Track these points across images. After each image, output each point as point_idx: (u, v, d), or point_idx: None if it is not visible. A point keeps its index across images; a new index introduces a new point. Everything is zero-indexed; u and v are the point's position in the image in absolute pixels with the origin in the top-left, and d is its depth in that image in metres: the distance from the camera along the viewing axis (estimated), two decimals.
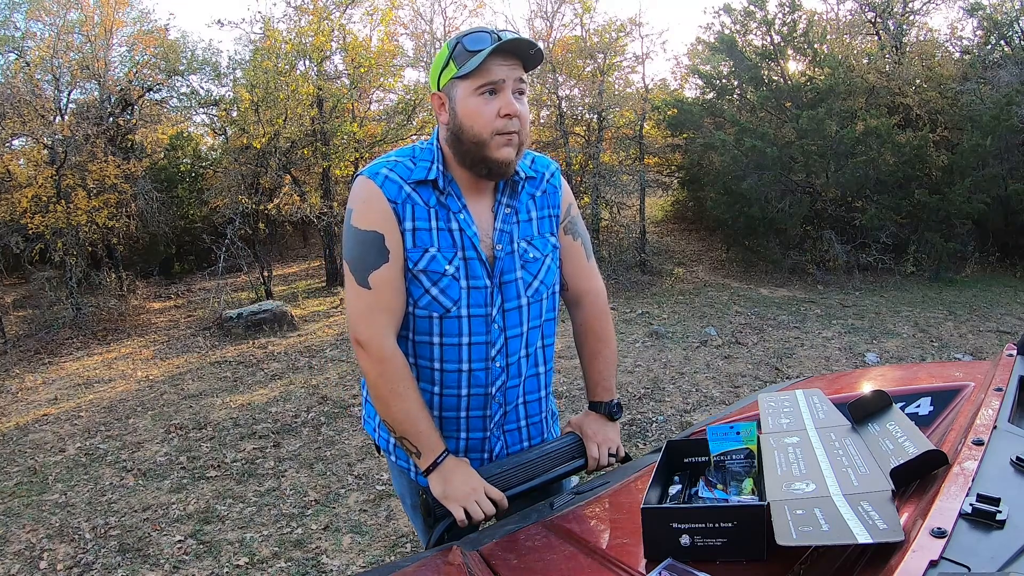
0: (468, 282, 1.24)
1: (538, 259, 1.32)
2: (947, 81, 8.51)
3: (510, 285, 1.28)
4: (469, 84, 1.17)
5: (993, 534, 0.65)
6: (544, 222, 1.34)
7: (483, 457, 1.36)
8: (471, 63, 1.15)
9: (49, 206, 7.55)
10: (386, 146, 10.26)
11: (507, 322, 1.29)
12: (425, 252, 1.22)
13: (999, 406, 0.97)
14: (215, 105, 10.30)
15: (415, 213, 1.23)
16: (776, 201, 8.26)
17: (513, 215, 1.30)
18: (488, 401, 1.31)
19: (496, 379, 1.30)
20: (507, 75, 1.17)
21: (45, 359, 6.63)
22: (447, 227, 1.24)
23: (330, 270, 9.44)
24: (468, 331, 1.26)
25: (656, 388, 4.48)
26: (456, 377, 1.29)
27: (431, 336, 1.27)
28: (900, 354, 5.08)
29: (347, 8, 9.13)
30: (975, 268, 8.09)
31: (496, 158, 1.20)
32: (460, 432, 1.34)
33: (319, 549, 2.78)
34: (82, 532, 3.06)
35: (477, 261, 1.25)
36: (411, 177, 1.23)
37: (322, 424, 4.20)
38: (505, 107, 1.17)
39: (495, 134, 1.18)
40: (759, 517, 0.83)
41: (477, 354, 1.27)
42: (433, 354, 1.28)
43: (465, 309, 1.25)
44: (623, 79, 9.70)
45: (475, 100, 1.17)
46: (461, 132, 1.20)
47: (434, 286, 1.23)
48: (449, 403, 1.31)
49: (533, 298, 1.32)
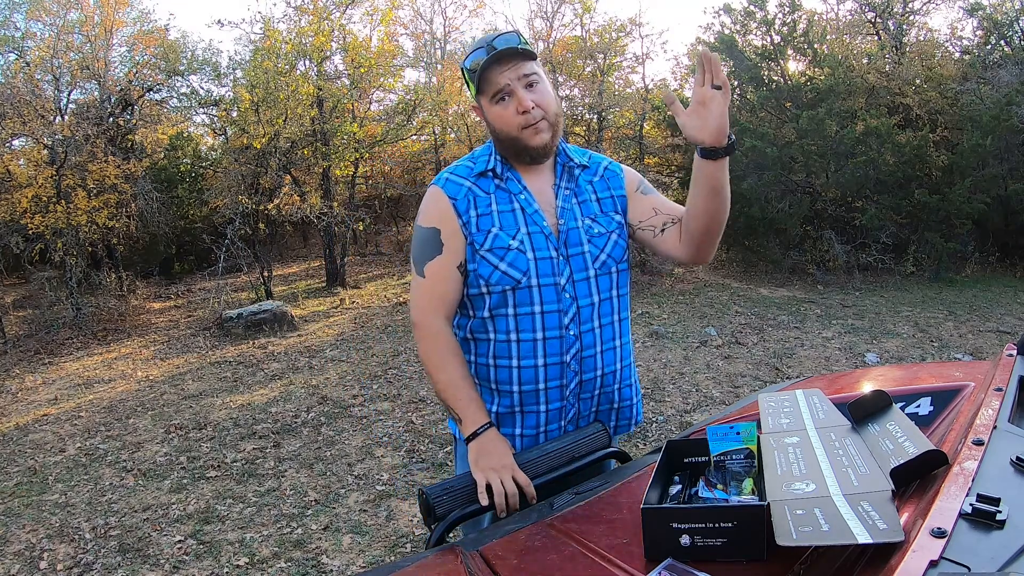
0: (534, 253, 1.34)
1: (603, 234, 1.41)
2: (947, 81, 8.51)
3: (578, 257, 1.37)
4: (485, 96, 1.34)
5: (993, 534, 0.65)
6: (607, 202, 1.44)
7: (560, 425, 1.42)
8: (477, 80, 1.32)
9: (49, 206, 7.55)
10: (386, 146, 10.27)
11: (577, 291, 1.37)
12: (488, 232, 1.35)
13: (999, 406, 0.97)
14: (215, 105, 10.30)
15: (477, 203, 1.36)
16: (776, 201, 8.25)
17: (572, 196, 1.42)
18: (564, 370, 1.37)
19: (570, 347, 1.37)
20: (510, 78, 1.30)
21: (45, 359, 6.63)
22: (509, 208, 1.37)
23: (330, 270, 9.43)
24: (540, 300, 1.35)
25: (656, 388, 4.48)
26: (531, 347, 1.36)
27: (506, 308, 1.36)
28: (900, 354, 5.08)
29: (347, 8, 9.13)
30: (975, 268, 8.09)
31: (533, 146, 1.34)
32: (540, 404, 1.39)
33: (319, 549, 2.78)
34: (82, 532, 3.06)
35: (541, 235, 1.36)
36: (472, 173, 1.39)
37: (322, 424, 4.20)
38: (519, 105, 1.31)
39: (522, 128, 1.32)
40: (759, 517, 0.83)
41: (550, 322, 1.35)
42: (508, 326, 1.36)
43: (535, 279, 1.34)
44: (623, 79, 9.72)
45: (495, 108, 1.34)
46: (498, 134, 1.36)
47: (502, 261, 1.34)
48: (527, 376, 1.37)
49: (601, 270, 1.40)
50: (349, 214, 8.93)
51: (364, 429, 4.09)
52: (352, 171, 9.62)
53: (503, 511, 1.20)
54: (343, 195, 9.88)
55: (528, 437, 1.42)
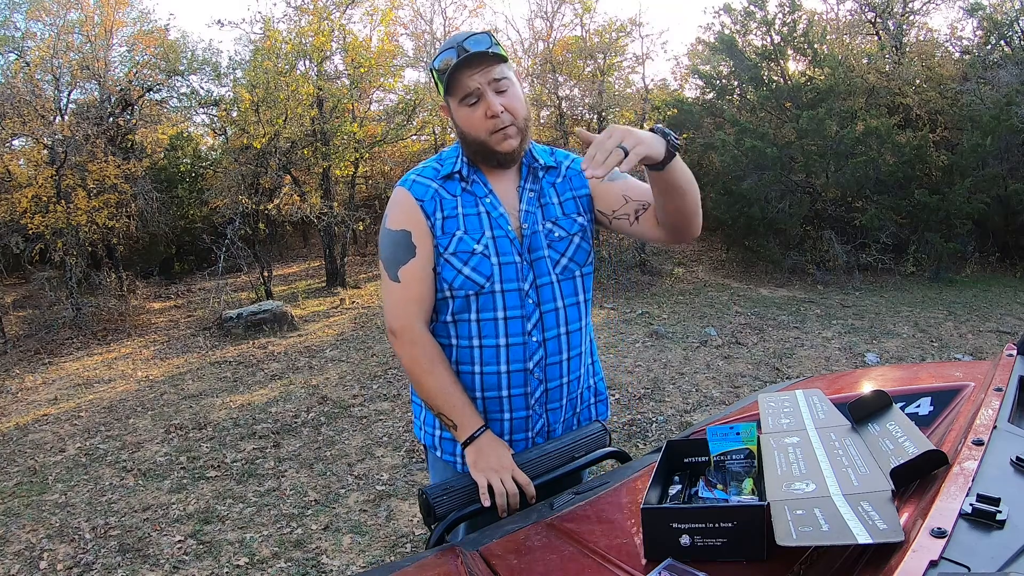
0: (499, 258, 1.32)
1: (564, 238, 1.38)
2: (947, 81, 8.51)
3: (540, 262, 1.35)
4: (454, 98, 1.30)
5: (993, 534, 0.65)
6: (568, 204, 1.41)
7: (527, 436, 1.39)
8: (445, 81, 1.28)
9: (49, 206, 7.55)
10: (386, 146, 10.27)
11: (541, 297, 1.35)
12: (453, 236, 1.32)
13: (999, 406, 0.97)
14: (215, 105, 10.29)
15: (443, 205, 1.34)
16: (776, 201, 8.26)
17: (536, 198, 1.39)
18: (527, 378, 1.35)
19: (533, 354, 1.34)
20: (480, 82, 1.26)
21: (45, 359, 6.63)
22: (475, 211, 1.34)
23: (330, 270, 9.44)
24: (503, 305, 1.32)
25: (656, 388, 4.48)
26: (494, 353, 1.33)
27: (469, 313, 1.33)
28: (900, 354, 5.08)
29: (347, 8, 9.13)
30: (975, 268, 8.09)
31: (500, 151, 1.31)
32: (504, 412, 1.37)
33: (319, 549, 2.78)
34: (82, 532, 3.06)
35: (505, 239, 1.33)
36: (438, 175, 1.36)
37: (322, 424, 4.20)
38: (488, 109, 1.27)
39: (490, 133, 1.29)
40: (759, 517, 0.83)
41: (513, 328, 1.33)
42: (471, 331, 1.34)
43: (498, 284, 1.32)
44: (623, 79, 9.71)
45: (464, 111, 1.30)
46: (465, 136, 1.33)
47: (465, 265, 1.31)
48: (490, 381, 1.35)
49: (563, 275, 1.37)
50: (349, 214, 8.93)
51: (364, 429, 4.09)
52: (352, 171, 9.61)
53: (504, 511, 1.20)
54: (343, 195, 9.88)
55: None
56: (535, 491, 1.25)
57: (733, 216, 8.57)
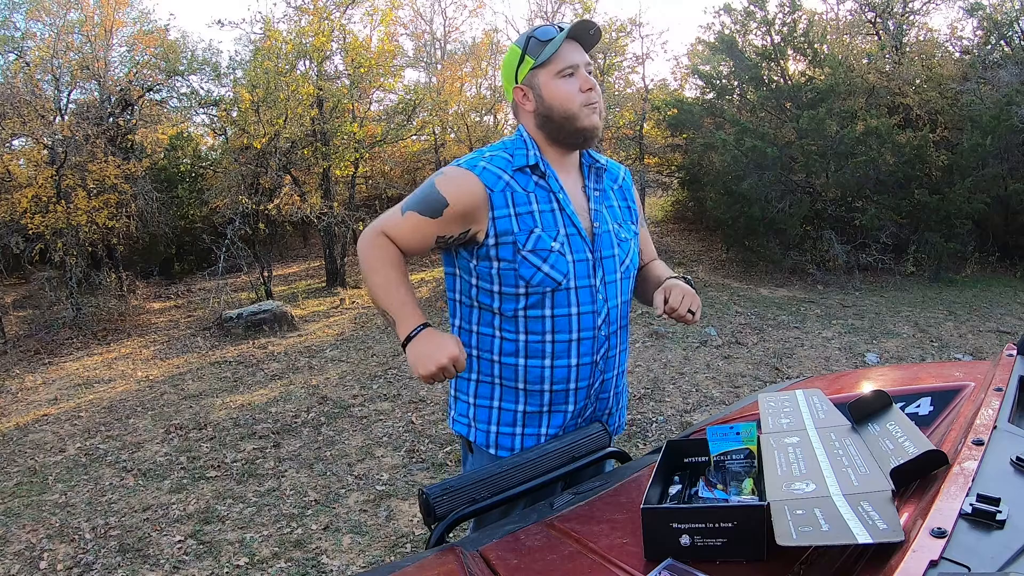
0: (573, 255, 1.35)
1: (627, 240, 1.46)
2: (947, 81, 8.50)
3: (608, 260, 1.40)
4: (549, 71, 1.33)
5: (993, 534, 0.65)
6: (626, 211, 1.50)
7: (578, 423, 1.44)
8: (547, 51, 1.31)
9: (49, 206, 7.54)
10: (386, 146, 10.27)
11: (608, 293, 1.40)
12: (531, 232, 1.32)
13: (999, 406, 0.97)
14: (215, 105, 10.29)
15: (515, 199, 1.32)
16: (776, 201, 8.25)
17: (602, 198, 1.45)
18: (593, 370, 1.40)
19: (600, 348, 1.40)
20: (579, 59, 1.34)
21: (45, 359, 6.63)
22: (548, 208, 1.35)
23: (330, 270, 9.44)
24: (576, 301, 1.36)
25: (656, 388, 4.48)
26: (566, 347, 1.37)
27: (543, 310, 1.35)
28: (900, 354, 5.08)
29: (347, 8, 9.13)
30: (975, 268, 8.09)
31: (587, 126, 1.35)
32: (568, 404, 1.41)
33: (319, 549, 2.78)
34: (82, 532, 3.06)
35: (578, 236, 1.36)
36: (511, 166, 1.34)
37: (322, 424, 4.20)
38: (584, 83, 1.33)
39: (583, 106, 1.33)
40: (759, 517, 0.83)
41: (585, 323, 1.37)
42: (545, 327, 1.36)
43: (573, 281, 1.35)
44: (623, 79, 9.72)
45: (558, 82, 1.33)
46: (552, 112, 1.34)
47: (544, 263, 1.32)
48: (560, 375, 1.38)
49: (625, 274, 1.44)
50: (349, 214, 8.93)
51: (364, 429, 4.09)
52: (352, 171, 9.62)
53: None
54: (343, 195, 9.88)
55: (552, 437, 1.43)
56: (535, 491, 1.25)
57: (733, 216, 8.57)
